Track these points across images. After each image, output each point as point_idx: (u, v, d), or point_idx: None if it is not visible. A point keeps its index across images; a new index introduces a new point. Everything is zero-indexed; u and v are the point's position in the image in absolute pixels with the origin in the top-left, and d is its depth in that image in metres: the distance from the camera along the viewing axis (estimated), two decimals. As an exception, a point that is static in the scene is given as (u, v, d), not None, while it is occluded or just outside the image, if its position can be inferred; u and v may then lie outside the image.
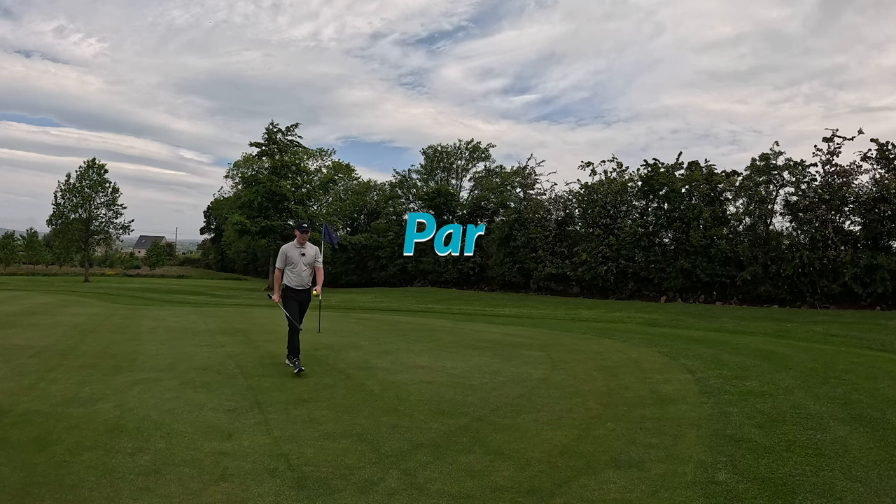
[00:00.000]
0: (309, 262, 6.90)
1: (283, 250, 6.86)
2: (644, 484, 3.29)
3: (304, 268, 6.86)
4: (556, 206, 29.62)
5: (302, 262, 6.84)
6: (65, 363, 6.90)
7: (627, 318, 14.97)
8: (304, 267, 6.85)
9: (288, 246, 6.90)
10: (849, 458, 3.66)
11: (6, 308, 15.05)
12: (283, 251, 6.85)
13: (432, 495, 3.16)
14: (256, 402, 5.13)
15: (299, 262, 6.83)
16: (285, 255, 6.81)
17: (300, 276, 6.84)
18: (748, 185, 22.39)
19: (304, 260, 6.86)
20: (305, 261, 6.87)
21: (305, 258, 6.87)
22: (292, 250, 6.83)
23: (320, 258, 7.08)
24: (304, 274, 6.86)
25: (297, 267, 6.82)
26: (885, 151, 19.93)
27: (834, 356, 7.93)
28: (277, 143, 37.34)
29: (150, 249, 71.41)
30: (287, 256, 6.81)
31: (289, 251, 6.83)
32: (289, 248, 6.86)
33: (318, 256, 7.02)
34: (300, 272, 6.84)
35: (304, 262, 6.87)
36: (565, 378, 6.28)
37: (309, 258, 6.90)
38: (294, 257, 6.81)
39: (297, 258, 6.82)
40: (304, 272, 6.86)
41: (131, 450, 3.80)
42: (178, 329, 10.84)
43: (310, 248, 6.96)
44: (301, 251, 6.84)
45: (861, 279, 18.83)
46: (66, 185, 43.68)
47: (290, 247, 6.88)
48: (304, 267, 6.85)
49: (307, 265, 6.89)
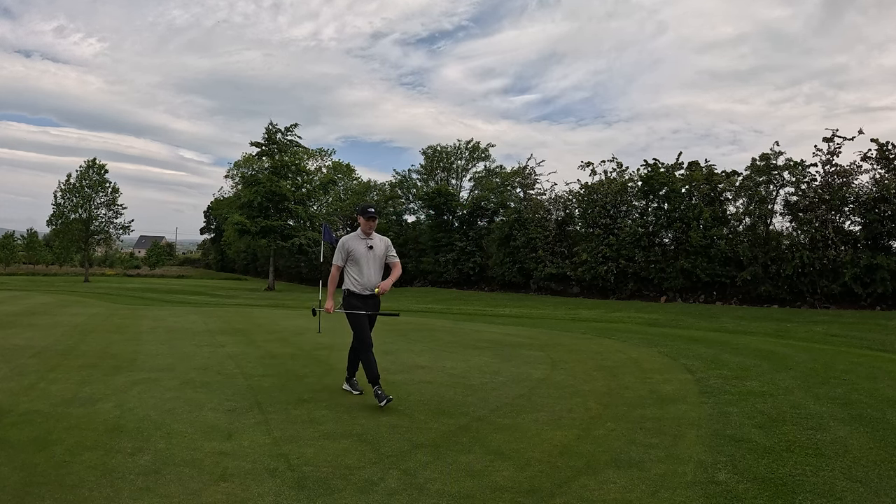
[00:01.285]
0: (379, 257, 5.30)
1: (343, 243, 5.31)
2: (644, 484, 3.29)
3: (373, 266, 5.26)
4: (556, 206, 29.61)
5: (370, 259, 5.24)
6: (65, 363, 6.90)
7: (627, 318, 14.96)
8: (372, 265, 5.25)
9: (350, 237, 5.32)
10: (849, 458, 3.65)
11: (6, 308, 15.04)
12: (344, 244, 5.29)
13: (432, 495, 3.16)
14: (256, 402, 5.13)
15: (366, 258, 5.22)
16: (347, 250, 5.25)
17: (367, 276, 5.22)
18: (748, 185, 22.38)
19: (373, 255, 5.25)
20: (374, 256, 5.26)
21: (374, 252, 5.26)
22: (356, 243, 5.25)
23: (394, 251, 5.49)
24: (373, 274, 5.25)
25: (364, 265, 5.22)
26: (885, 151, 19.92)
27: (834, 356, 7.93)
28: (277, 143, 37.34)
29: (150, 249, 71.44)
30: (350, 251, 5.24)
31: (352, 244, 5.25)
32: (351, 241, 5.28)
33: (390, 249, 5.43)
34: (367, 272, 5.22)
35: (373, 259, 5.26)
36: (565, 378, 6.28)
37: (379, 252, 5.30)
38: (359, 252, 5.21)
39: (363, 253, 5.21)
40: (373, 272, 5.25)
41: (131, 450, 3.80)
42: (178, 329, 10.84)
43: (379, 240, 5.35)
44: (368, 243, 5.25)
45: (861, 279, 18.83)
46: (67, 185, 43.73)
47: (352, 238, 5.30)
48: (372, 265, 5.25)
49: (377, 262, 5.29)
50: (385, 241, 5.45)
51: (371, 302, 5.27)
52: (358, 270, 5.23)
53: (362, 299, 5.22)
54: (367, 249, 5.24)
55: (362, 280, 5.22)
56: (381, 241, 5.40)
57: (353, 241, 5.27)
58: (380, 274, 5.33)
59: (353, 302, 5.23)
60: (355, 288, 5.23)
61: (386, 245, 5.43)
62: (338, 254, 5.30)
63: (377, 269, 5.30)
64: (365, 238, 5.29)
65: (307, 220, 38.06)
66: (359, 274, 5.23)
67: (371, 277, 5.25)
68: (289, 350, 8.30)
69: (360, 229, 5.33)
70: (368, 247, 5.25)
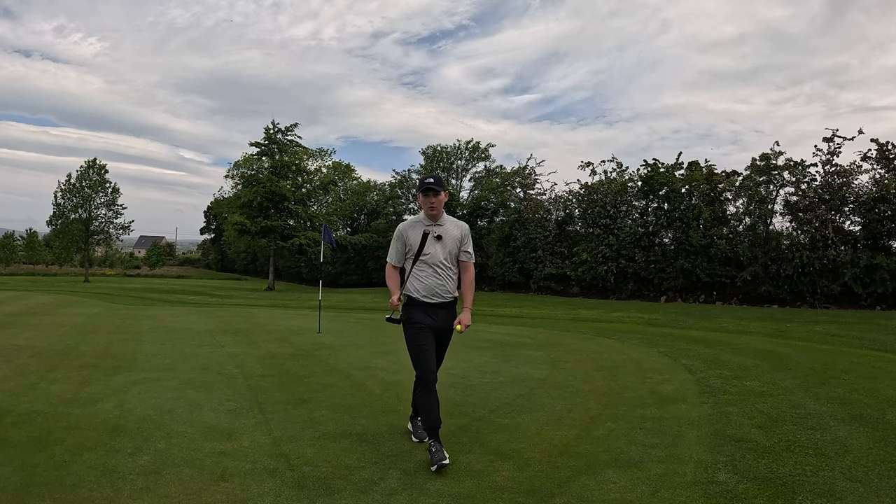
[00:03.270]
0: (450, 250, 3.88)
1: (399, 232, 3.94)
2: (644, 484, 3.29)
3: (440, 261, 3.84)
4: (556, 206, 29.62)
5: (436, 252, 3.83)
6: (65, 363, 6.90)
7: (627, 318, 14.97)
8: (439, 261, 3.84)
9: (408, 223, 3.95)
10: (849, 458, 3.65)
11: (6, 308, 15.04)
12: (401, 234, 3.92)
13: (432, 495, 3.16)
14: (256, 402, 5.13)
15: (432, 251, 3.83)
16: (403, 240, 3.90)
17: (433, 276, 3.84)
18: (748, 185, 22.39)
19: (441, 248, 3.84)
20: (443, 250, 3.85)
21: (444, 245, 3.85)
22: (415, 230, 3.87)
23: (470, 244, 4.01)
24: (440, 272, 3.85)
25: (427, 262, 3.83)
26: (885, 151, 19.93)
27: (834, 356, 7.93)
28: (277, 143, 37.36)
29: (150, 249, 71.41)
30: (407, 241, 3.88)
31: (408, 232, 3.89)
32: (408, 228, 3.91)
33: (466, 241, 3.97)
34: (432, 269, 3.84)
35: (441, 252, 3.84)
36: (565, 378, 6.28)
37: (450, 244, 3.88)
38: (417, 242, 3.83)
39: (427, 244, 3.83)
40: (440, 270, 3.84)
41: (131, 450, 3.80)
42: (178, 329, 10.84)
43: (452, 227, 3.93)
44: (434, 230, 3.84)
45: (861, 279, 18.83)
46: (67, 186, 43.77)
47: (410, 225, 3.92)
48: (439, 261, 3.84)
49: (445, 257, 3.86)
50: (461, 229, 3.96)
51: (441, 313, 3.85)
52: (419, 270, 3.85)
53: (426, 309, 3.83)
54: (435, 241, 3.81)
55: (425, 281, 3.82)
56: (454, 227, 3.92)
57: (412, 229, 3.87)
58: (452, 277, 3.91)
59: (412, 313, 3.84)
60: (417, 292, 3.84)
61: (462, 234, 3.94)
62: (392, 247, 3.94)
63: (447, 269, 3.88)
64: (430, 223, 3.86)
65: (307, 220, 38.06)
66: (423, 273, 3.84)
67: (437, 277, 3.83)
68: (289, 350, 8.30)
69: (421, 213, 3.93)
70: (436, 236, 3.82)
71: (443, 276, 3.87)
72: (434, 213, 3.86)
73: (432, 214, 3.86)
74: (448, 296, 3.88)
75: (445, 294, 3.87)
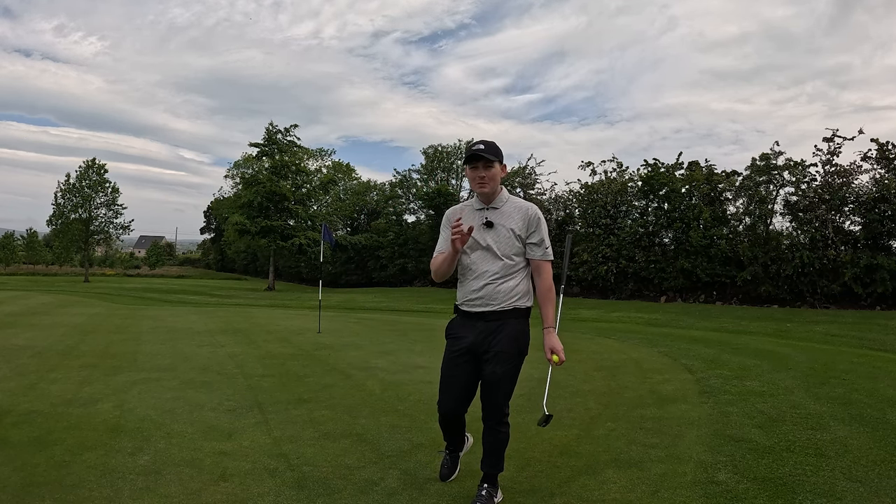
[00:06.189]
0: (505, 240, 2.91)
1: (446, 216, 3.08)
2: (644, 484, 3.29)
3: (488, 259, 2.91)
4: (556, 205, 29.63)
5: (488, 244, 2.92)
6: (65, 363, 6.90)
7: (627, 318, 14.97)
8: (487, 255, 2.92)
9: (458, 207, 3.09)
10: (849, 458, 3.65)
11: (6, 308, 15.05)
12: (448, 218, 3.05)
13: (432, 495, 3.16)
14: (256, 402, 5.13)
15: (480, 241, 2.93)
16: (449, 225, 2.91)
17: (479, 276, 2.92)
18: (748, 185, 22.40)
19: (494, 237, 2.91)
20: (495, 239, 2.91)
21: (496, 233, 2.91)
22: (464, 214, 3.00)
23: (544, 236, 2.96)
24: (490, 270, 2.91)
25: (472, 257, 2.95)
26: (885, 151, 19.92)
27: (834, 356, 7.93)
28: (277, 144, 37.39)
29: (150, 249, 71.44)
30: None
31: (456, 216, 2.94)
32: (457, 212, 3.05)
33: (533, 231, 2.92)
34: (479, 267, 2.93)
35: (494, 243, 2.91)
36: (565, 378, 6.28)
37: (504, 234, 2.91)
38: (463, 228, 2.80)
39: (475, 232, 2.91)
40: (491, 266, 2.91)
41: (131, 450, 3.80)
42: (178, 329, 10.84)
43: (511, 208, 2.95)
44: (482, 214, 2.95)
45: (861, 279, 18.83)
46: (66, 185, 43.77)
47: (460, 208, 3.08)
48: (487, 255, 2.92)
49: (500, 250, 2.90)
50: (525, 214, 2.93)
51: (483, 327, 2.91)
52: (463, 268, 2.99)
53: (466, 321, 2.97)
54: (483, 229, 2.91)
55: (470, 283, 2.94)
56: (515, 210, 2.94)
57: (461, 213, 3.02)
58: (507, 278, 2.91)
59: (451, 325, 3.06)
60: (459, 298, 3.03)
61: (526, 220, 2.92)
62: (440, 237, 3.06)
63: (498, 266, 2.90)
64: (481, 206, 2.97)
65: (307, 220, 38.09)
66: (470, 271, 2.95)
67: (485, 282, 2.90)
68: (289, 350, 8.30)
69: (474, 195, 3.04)
70: (484, 223, 2.91)
71: (490, 274, 2.89)
72: (485, 191, 2.90)
73: (483, 192, 2.90)
74: (496, 304, 2.89)
75: (492, 301, 2.89)
